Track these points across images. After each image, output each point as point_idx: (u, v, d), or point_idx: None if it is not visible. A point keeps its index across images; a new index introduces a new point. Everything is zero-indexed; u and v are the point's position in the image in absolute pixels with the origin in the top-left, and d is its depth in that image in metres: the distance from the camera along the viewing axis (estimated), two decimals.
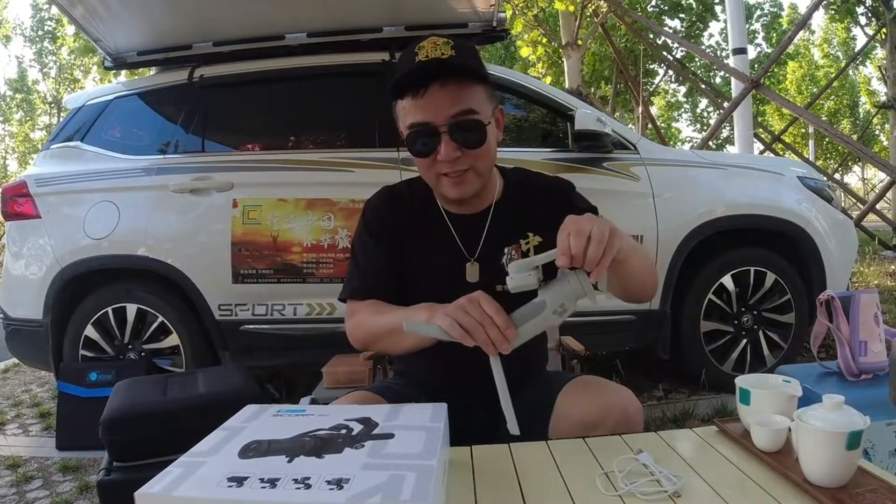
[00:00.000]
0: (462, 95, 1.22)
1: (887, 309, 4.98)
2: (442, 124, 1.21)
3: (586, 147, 3.09)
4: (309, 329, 3.08)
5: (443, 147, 1.22)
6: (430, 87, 1.20)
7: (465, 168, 1.24)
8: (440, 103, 1.21)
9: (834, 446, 0.85)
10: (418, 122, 1.23)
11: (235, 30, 3.28)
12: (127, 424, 1.99)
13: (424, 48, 1.22)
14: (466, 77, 1.24)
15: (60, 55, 21.17)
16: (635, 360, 3.65)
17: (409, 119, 1.24)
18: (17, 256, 3.20)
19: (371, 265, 1.33)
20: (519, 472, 0.98)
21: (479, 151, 1.25)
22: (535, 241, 1.34)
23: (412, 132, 1.24)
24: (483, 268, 1.32)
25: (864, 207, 10.01)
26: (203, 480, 0.75)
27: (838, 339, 1.80)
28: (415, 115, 1.23)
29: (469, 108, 1.22)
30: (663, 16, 14.34)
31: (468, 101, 1.22)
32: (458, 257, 1.33)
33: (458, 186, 1.27)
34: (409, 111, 1.24)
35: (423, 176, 1.32)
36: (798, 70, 25.33)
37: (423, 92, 1.21)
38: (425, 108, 1.21)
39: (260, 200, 3.06)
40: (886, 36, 11.39)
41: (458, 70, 1.22)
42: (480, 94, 1.25)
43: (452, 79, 1.21)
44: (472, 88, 1.24)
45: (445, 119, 1.21)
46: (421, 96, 1.21)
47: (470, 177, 1.26)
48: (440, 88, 1.20)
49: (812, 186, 3.36)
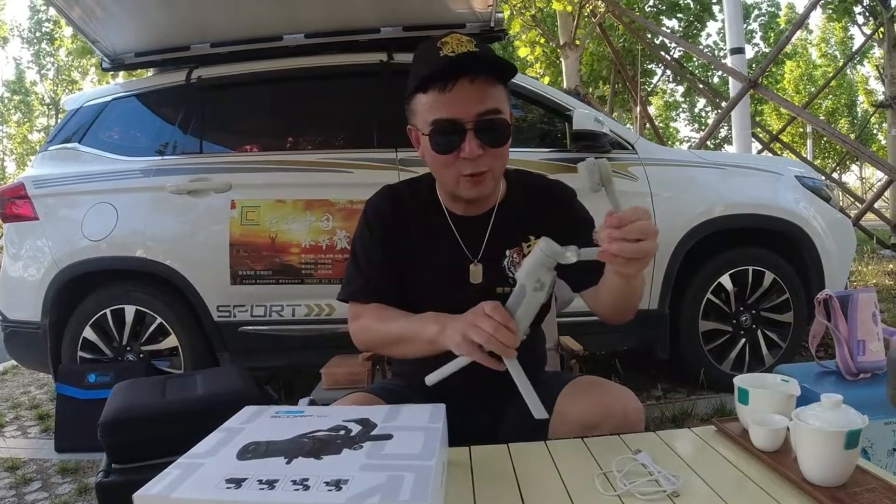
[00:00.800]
0: (489, 94, 1.20)
1: (886, 308, 4.99)
2: (469, 121, 1.18)
3: (584, 147, 3.09)
4: (307, 330, 3.08)
5: (467, 145, 1.19)
6: (459, 82, 1.17)
7: (486, 169, 1.22)
8: (469, 100, 1.18)
9: (832, 446, 0.85)
10: (444, 119, 1.19)
11: (233, 31, 3.28)
12: (126, 426, 1.99)
13: (449, 44, 1.18)
14: (494, 75, 1.22)
15: (58, 56, 21.18)
16: (634, 360, 3.65)
17: (434, 115, 1.20)
18: (16, 258, 3.20)
19: (373, 266, 1.32)
20: (518, 472, 0.98)
21: (500, 152, 1.23)
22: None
23: (436, 128, 1.20)
24: (486, 269, 1.32)
25: (862, 206, 10.01)
26: (202, 482, 0.75)
27: (836, 338, 1.80)
28: (440, 110, 1.19)
29: (496, 107, 1.20)
30: (661, 16, 14.36)
31: (494, 99, 1.20)
32: (460, 258, 1.32)
33: (477, 187, 1.24)
34: (433, 106, 1.20)
35: (439, 174, 1.30)
36: (796, 69, 25.35)
37: (452, 86, 1.17)
38: (452, 104, 1.18)
39: (258, 201, 3.06)
40: (884, 35, 11.39)
41: (490, 66, 1.20)
42: (503, 95, 1.24)
43: (482, 75, 1.19)
44: (498, 88, 1.22)
45: (473, 116, 1.18)
46: (449, 91, 1.17)
47: (488, 178, 1.24)
48: (469, 84, 1.17)
49: (810, 186, 3.37)
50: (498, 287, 1.31)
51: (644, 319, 3.11)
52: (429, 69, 1.18)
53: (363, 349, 1.32)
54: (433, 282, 1.31)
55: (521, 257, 1.32)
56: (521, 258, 1.32)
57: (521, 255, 1.32)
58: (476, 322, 1.02)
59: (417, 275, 1.32)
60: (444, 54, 1.17)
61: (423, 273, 1.32)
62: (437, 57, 1.18)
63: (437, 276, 1.31)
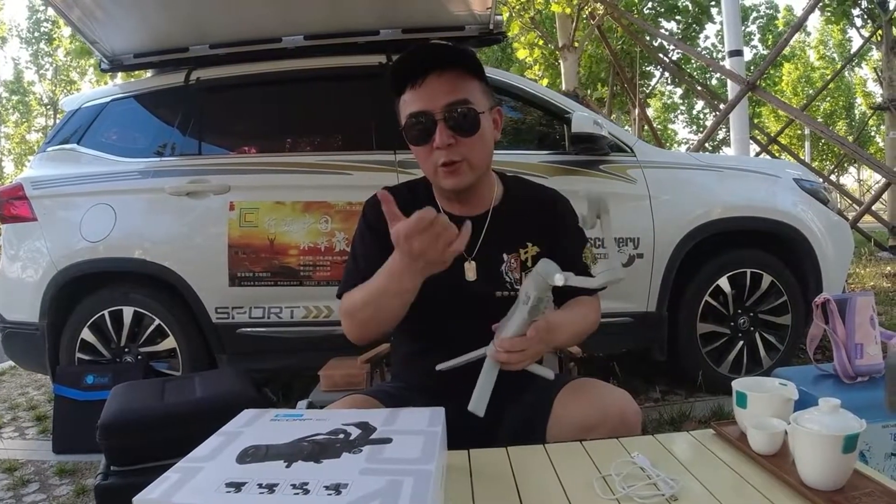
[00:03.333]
0: (458, 86, 1.28)
1: (883, 311, 4.99)
2: (438, 111, 1.26)
3: (583, 150, 3.10)
4: (306, 332, 3.08)
5: (438, 134, 1.26)
6: (429, 77, 1.27)
7: (459, 159, 1.28)
8: (437, 92, 1.26)
9: (830, 449, 0.86)
10: (416, 111, 1.28)
11: (232, 32, 3.27)
12: (124, 429, 1.99)
13: (423, 47, 1.29)
14: (463, 69, 1.29)
15: (57, 57, 21.18)
16: (632, 363, 3.65)
17: (409, 109, 1.29)
18: (14, 259, 3.19)
19: (370, 262, 1.32)
20: (516, 475, 0.98)
21: (473, 140, 1.29)
22: (533, 251, 1.37)
23: (410, 121, 1.29)
24: (480, 268, 1.34)
25: (859, 209, 10.02)
26: (201, 486, 0.75)
27: (834, 341, 1.81)
28: (414, 104, 1.28)
29: (465, 98, 1.27)
30: (659, 18, 14.36)
31: (464, 91, 1.28)
32: (456, 257, 1.33)
33: (454, 176, 1.30)
34: (408, 103, 1.30)
35: (423, 168, 1.36)
36: (794, 72, 25.40)
37: (422, 82, 1.27)
38: (423, 97, 1.27)
39: (257, 203, 3.06)
40: (882, 38, 11.42)
41: (454, 57, 1.29)
42: (476, 88, 1.31)
43: (450, 69, 1.28)
44: (469, 82, 1.30)
45: (441, 107, 1.26)
46: (419, 86, 1.27)
47: (464, 168, 1.29)
48: (438, 77, 1.27)
49: (808, 188, 3.37)
50: (497, 291, 1.34)
51: (642, 322, 3.12)
52: (399, 63, 1.29)
53: (352, 334, 1.31)
54: (430, 279, 1.31)
55: (519, 263, 1.36)
56: (519, 264, 1.37)
57: (518, 261, 1.36)
58: (411, 244, 1.06)
59: None
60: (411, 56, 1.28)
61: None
62: (406, 60, 1.29)
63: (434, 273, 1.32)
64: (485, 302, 1.31)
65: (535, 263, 1.35)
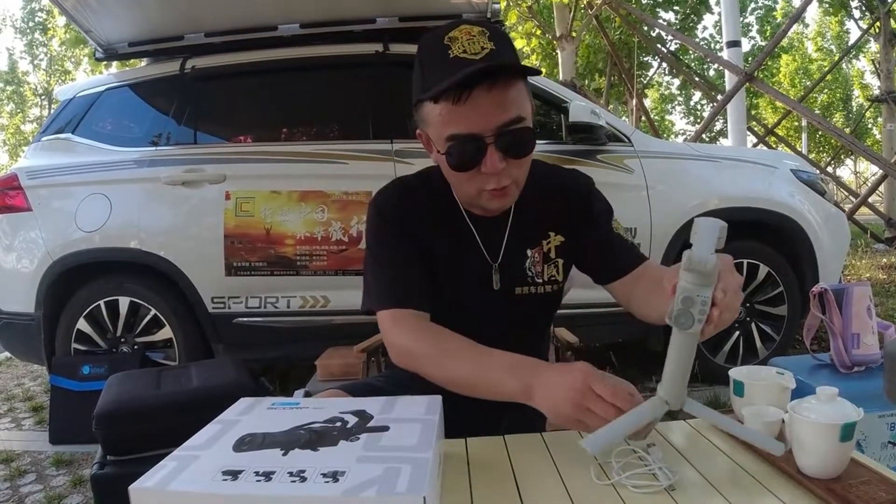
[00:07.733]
0: (510, 100, 1.06)
1: (879, 301, 5.01)
2: (488, 134, 1.06)
3: (580, 139, 3.10)
4: (302, 322, 3.08)
5: (489, 159, 1.07)
6: (475, 91, 1.02)
7: (508, 182, 1.11)
8: (487, 111, 1.04)
9: (828, 438, 0.86)
10: (461, 134, 1.06)
11: (227, 21, 3.26)
12: (120, 418, 1.98)
13: (459, 40, 1.04)
14: (512, 73, 1.08)
15: (51, 46, 21.02)
16: (629, 352, 3.66)
17: (449, 129, 1.07)
18: (9, 250, 3.18)
19: (399, 267, 1.18)
20: (514, 463, 0.98)
21: (524, 161, 1.13)
22: (556, 241, 1.27)
23: (453, 145, 1.08)
24: (504, 273, 1.24)
25: (856, 201, 10.04)
26: (197, 474, 0.75)
27: (831, 331, 1.81)
28: (457, 124, 1.06)
29: (518, 115, 1.07)
30: (657, 8, 14.30)
31: (516, 105, 1.07)
32: (483, 263, 1.24)
33: (500, 199, 1.14)
34: (447, 120, 1.06)
35: (458, 189, 1.19)
36: (791, 63, 25.37)
37: (467, 97, 1.03)
38: (469, 117, 1.04)
39: (253, 192, 3.05)
40: (880, 29, 11.41)
41: (506, 70, 1.06)
42: (524, 93, 1.10)
43: (501, 80, 1.04)
44: (518, 88, 1.08)
45: (493, 129, 1.06)
46: (464, 102, 1.03)
47: (512, 189, 1.14)
48: (486, 92, 1.03)
49: (805, 179, 3.38)
50: (517, 287, 1.25)
51: None
52: (439, 77, 1.03)
53: (402, 364, 1.14)
54: (460, 287, 1.23)
55: (542, 256, 1.26)
56: (542, 257, 1.26)
57: (541, 253, 1.26)
58: (587, 404, 0.90)
59: (442, 278, 1.23)
60: (454, 56, 1.03)
61: (448, 277, 1.23)
62: (446, 60, 1.03)
63: (464, 281, 1.24)
64: (506, 302, 1.24)
65: (558, 254, 1.27)
